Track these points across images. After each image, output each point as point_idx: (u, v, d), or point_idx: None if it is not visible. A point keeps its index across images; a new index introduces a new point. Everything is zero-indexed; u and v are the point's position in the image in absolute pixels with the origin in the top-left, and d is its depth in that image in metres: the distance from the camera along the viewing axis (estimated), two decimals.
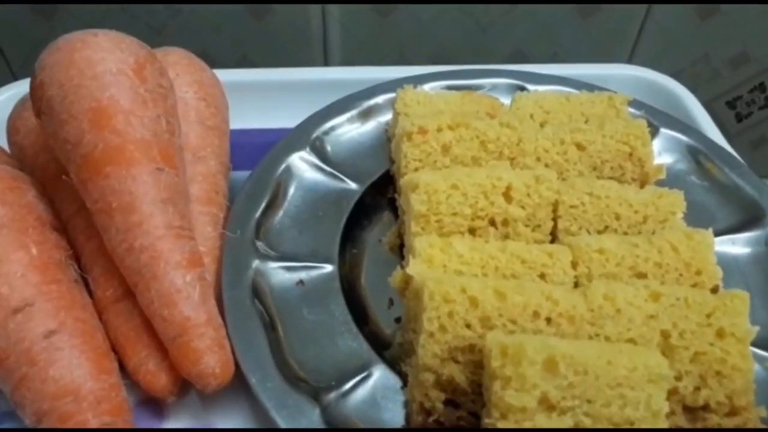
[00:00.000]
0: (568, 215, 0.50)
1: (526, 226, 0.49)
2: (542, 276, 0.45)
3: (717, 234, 0.55)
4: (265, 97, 0.69)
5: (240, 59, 0.91)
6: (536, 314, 0.41)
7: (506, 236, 0.49)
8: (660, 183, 0.56)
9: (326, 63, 0.93)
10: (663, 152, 0.61)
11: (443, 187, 0.48)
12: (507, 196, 0.49)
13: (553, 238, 0.50)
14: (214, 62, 0.90)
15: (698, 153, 0.61)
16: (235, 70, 0.71)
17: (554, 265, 0.45)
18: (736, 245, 0.54)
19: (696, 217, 0.55)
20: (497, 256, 0.45)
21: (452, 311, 0.40)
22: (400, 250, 0.55)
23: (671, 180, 0.57)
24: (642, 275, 0.46)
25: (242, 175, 0.58)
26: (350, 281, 0.53)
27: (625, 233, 0.50)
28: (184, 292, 0.43)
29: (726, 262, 0.51)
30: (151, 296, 0.42)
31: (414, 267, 0.44)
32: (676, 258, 0.46)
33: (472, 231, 0.49)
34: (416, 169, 0.53)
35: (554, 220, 0.50)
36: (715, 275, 0.46)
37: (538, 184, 0.49)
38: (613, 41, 0.93)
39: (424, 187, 0.48)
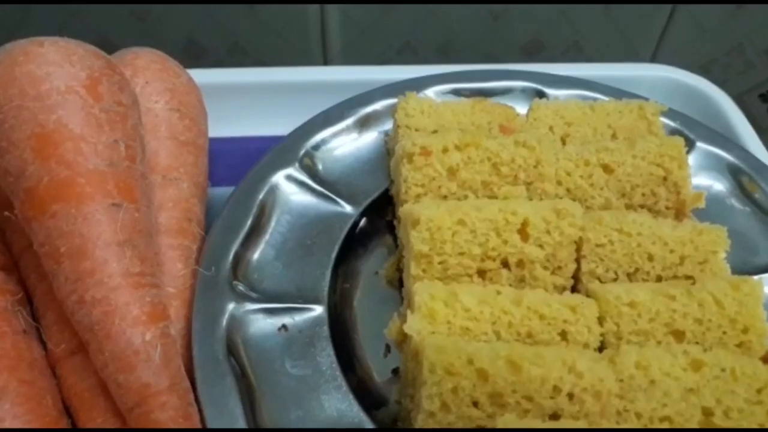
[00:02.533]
0: (594, 255, 0.43)
1: (545, 268, 0.43)
2: (563, 334, 0.39)
3: (761, 270, 0.48)
4: (252, 100, 0.62)
5: (231, 48, 0.84)
6: (556, 390, 0.34)
7: (521, 280, 0.43)
8: (695, 208, 0.49)
9: (324, 53, 0.85)
10: (699, 171, 0.54)
11: (448, 222, 0.42)
12: (523, 233, 0.42)
13: (576, 281, 0.44)
14: (203, 51, 0.83)
15: (740, 172, 0.54)
16: (217, 70, 0.63)
17: (577, 322, 0.39)
18: None
19: (736, 248, 0.48)
20: (511, 311, 0.39)
21: (457, 387, 0.34)
22: (399, 284, 0.49)
23: (708, 204, 0.50)
24: (679, 333, 0.39)
25: (223, 192, 0.52)
26: (341, 322, 0.46)
27: (659, 276, 0.43)
28: (143, 354, 0.36)
29: None
30: (104, 359, 0.36)
31: (413, 324, 0.37)
32: (720, 313, 0.39)
33: (481, 274, 0.43)
34: (418, 196, 0.46)
35: (577, 260, 0.43)
36: (764, 334, 0.39)
37: (560, 220, 0.42)
38: (640, 29, 0.85)
39: (426, 223, 0.41)
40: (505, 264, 0.43)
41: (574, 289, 0.43)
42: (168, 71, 0.51)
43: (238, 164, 0.53)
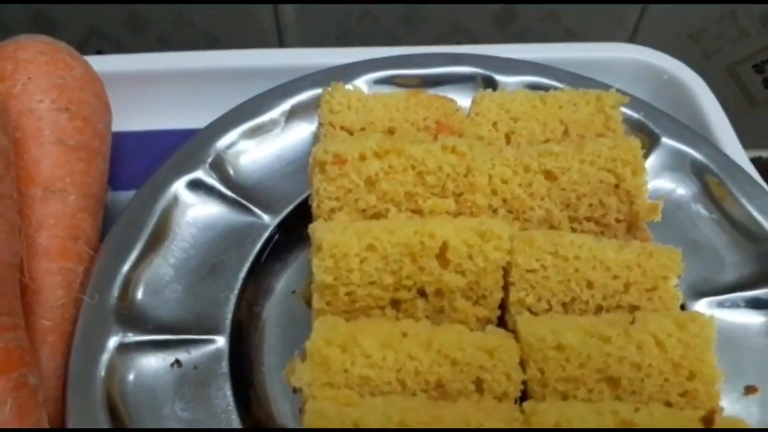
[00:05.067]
0: (524, 282, 0.38)
1: (467, 298, 0.37)
2: (478, 383, 0.34)
3: (725, 290, 0.43)
4: (174, 89, 0.56)
5: (176, 19, 0.77)
6: None
7: (440, 311, 0.38)
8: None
9: (277, 21, 0.78)
10: (663, 171, 0.48)
11: (356, 248, 0.36)
12: (442, 258, 0.37)
13: (504, 311, 0.38)
14: (146, 24, 0.77)
15: (707, 173, 0.48)
16: (130, 56, 0.57)
17: (495, 368, 0.34)
18: (750, 310, 0.42)
19: (698, 264, 0.43)
20: (418, 356, 0.34)
21: None
22: None
23: (669, 209, 0.44)
24: (613, 381, 0.34)
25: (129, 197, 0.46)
26: (246, 352, 0.42)
27: (600, 306, 0.38)
28: None
29: (733, 337, 0.39)
30: None
31: (302, 375, 0.33)
32: (662, 357, 0.34)
33: (395, 305, 0.38)
34: (332, 210, 0.40)
35: (505, 288, 0.38)
36: (712, 381, 0.34)
37: (484, 242, 0.37)
38: None
39: (330, 249, 0.36)
40: (422, 293, 0.37)
41: (501, 321, 0.38)
42: (57, 63, 0.45)
43: (153, 163, 0.48)
